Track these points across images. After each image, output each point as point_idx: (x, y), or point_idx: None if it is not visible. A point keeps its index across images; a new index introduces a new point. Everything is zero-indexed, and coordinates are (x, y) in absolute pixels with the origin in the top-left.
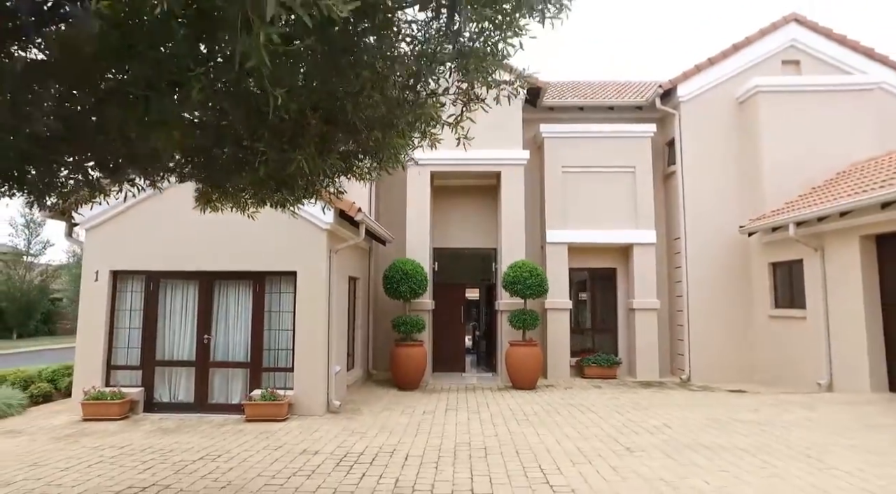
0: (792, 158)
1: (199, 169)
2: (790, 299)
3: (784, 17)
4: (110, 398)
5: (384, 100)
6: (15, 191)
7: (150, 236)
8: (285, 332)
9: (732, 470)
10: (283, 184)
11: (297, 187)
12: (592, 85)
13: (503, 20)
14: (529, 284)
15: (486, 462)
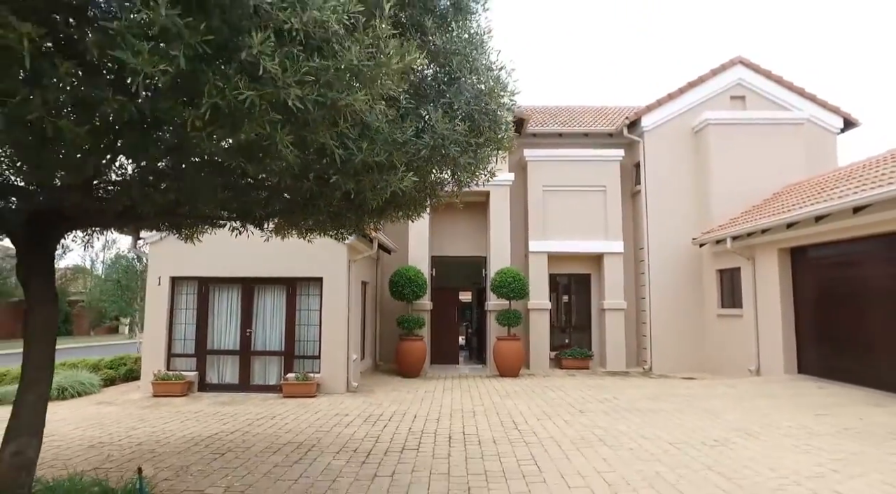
0: (737, 180)
1: (283, 214)
2: (732, 300)
3: (731, 59)
4: (174, 379)
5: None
6: (166, 230)
7: (202, 249)
8: (313, 327)
9: (650, 421)
10: (340, 225)
11: (350, 226)
12: (571, 110)
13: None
14: (513, 288)
15: (473, 419)
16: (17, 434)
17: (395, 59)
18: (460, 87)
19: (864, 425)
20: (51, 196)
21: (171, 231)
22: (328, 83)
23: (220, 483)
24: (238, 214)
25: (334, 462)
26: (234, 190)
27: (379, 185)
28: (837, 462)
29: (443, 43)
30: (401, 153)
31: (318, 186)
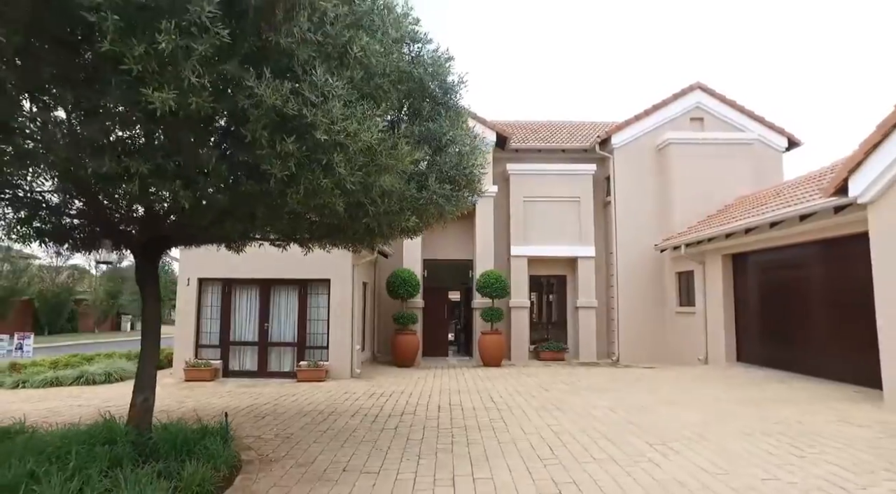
0: (694, 193)
1: (320, 237)
2: (688, 299)
3: (691, 85)
4: (203, 366)
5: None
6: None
7: (226, 254)
8: (322, 321)
9: (600, 396)
10: (358, 241)
11: (366, 244)
12: (550, 126)
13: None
14: (496, 288)
15: (458, 396)
16: (142, 388)
17: (407, 157)
18: (445, 156)
19: (759, 395)
20: (163, 227)
21: (225, 245)
22: (368, 173)
23: (269, 433)
24: (287, 236)
25: (350, 421)
26: (294, 223)
27: (393, 223)
28: (719, 418)
29: (434, 127)
30: (407, 204)
31: (350, 221)
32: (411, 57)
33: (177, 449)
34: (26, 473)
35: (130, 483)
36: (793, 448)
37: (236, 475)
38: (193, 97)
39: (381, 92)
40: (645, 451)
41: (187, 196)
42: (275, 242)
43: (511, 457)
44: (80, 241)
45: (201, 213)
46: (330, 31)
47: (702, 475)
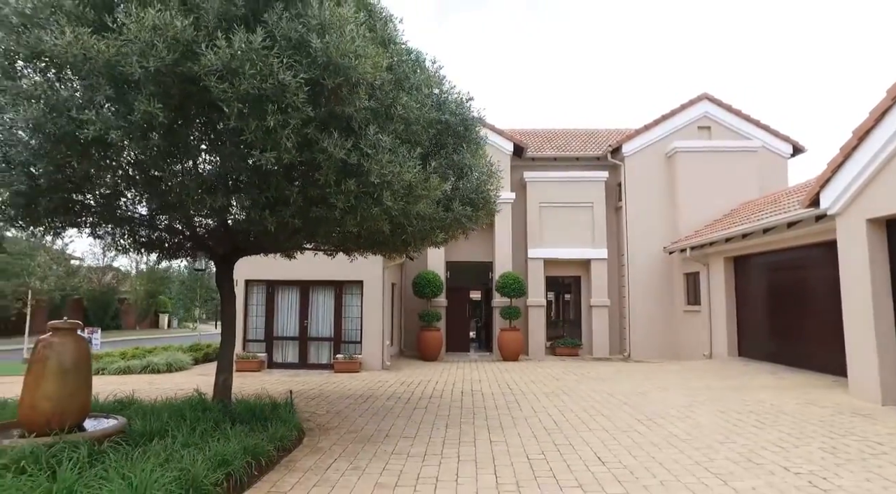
0: (701, 198)
1: (364, 247)
2: (694, 298)
3: (699, 95)
4: (250, 358)
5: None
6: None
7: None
8: (356, 319)
9: (604, 384)
10: (395, 251)
11: (401, 253)
12: (565, 134)
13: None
14: (514, 288)
15: (479, 384)
16: (222, 370)
17: (437, 189)
18: (467, 182)
19: (747, 383)
20: (242, 241)
21: (282, 253)
22: (407, 202)
23: (320, 410)
24: (337, 247)
25: (387, 403)
26: (346, 238)
27: (425, 238)
28: (704, 401)
29: (458, 158)
30: (436, 223)
31: (392, 237)
32: (439, 101)
33: (255, 417)
34: (162, 424)
35: (235, 433)
36: (756, 422)
37: (303, 437)
38: (286, 154)
39: (416, 137)
40: (633, 424)
41: (273, 220)
42: (326, 251)
43: (521, 427)
44: (168, 251)
45: (279, 232)
46: (379, 95)
47: (673, 439)
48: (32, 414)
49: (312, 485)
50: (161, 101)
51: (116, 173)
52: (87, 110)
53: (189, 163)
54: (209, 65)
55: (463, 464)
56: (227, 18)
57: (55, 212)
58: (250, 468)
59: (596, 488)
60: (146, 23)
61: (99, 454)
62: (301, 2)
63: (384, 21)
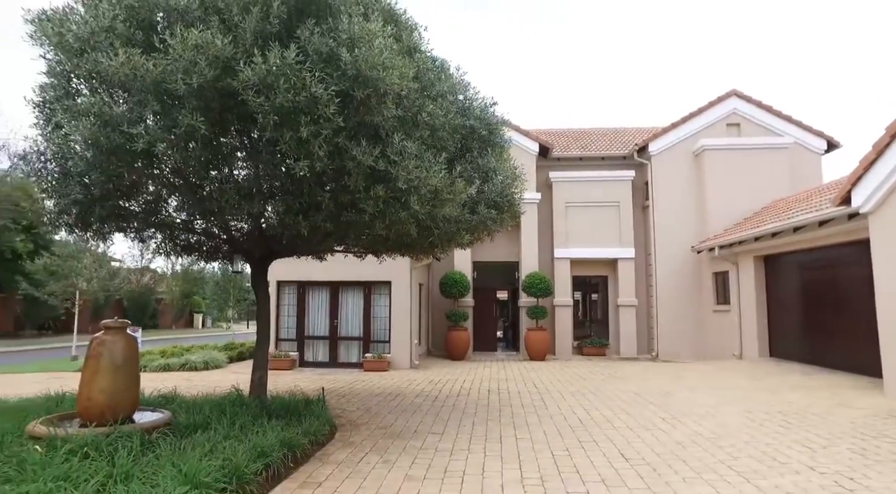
0: (730, 196)
1: (391, 249)
2: (724, 298)
3: (727, 92)
4: (283, 357)
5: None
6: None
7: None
8: (384, 318)
9: (631, 383)
10: (422, 253)
11: (427, 254)
12: (591, 133)
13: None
14: (540, 288)
15: (506, 383)
16: (258, 368)
17: (462, 193)
18: (491, 185)
19: (777, 384)
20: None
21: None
22: (433, 206)
23: (351, 406)
24: (367, 249)
25: (415, 400)
26: (376, 241)
27: (451, 240)
28: (731, 400)
29: (483, 162)
30: (462, 226)
31: (419, 240)
32: (463, 107)
33: (290, 412)
34: (204, 418)
35: (272, 427)
36: (783, 423)
37: (335, 432)
38: (318, 163)
39: (441, 142)
40: (657, 423)
41: (306, 225)
42: (356, 253)
43: (546, 425)
44: (206, 254)
45: (312, 236)
46: (406, 104)
47: (697, 437)
48: (89, 406)
49: (345, 477)
50: (202, 115)
51: (160, 182)
52: (136, 125)
53: (227, 172)
54: (247, 80)
55: (489, 459)
56: (262, 35)
57: (106, 219)
58: (286, 460)
59: (618, 482)
60: (189, 42)
61: (149, 444)
62: (332, 17)
63: (410, 30)
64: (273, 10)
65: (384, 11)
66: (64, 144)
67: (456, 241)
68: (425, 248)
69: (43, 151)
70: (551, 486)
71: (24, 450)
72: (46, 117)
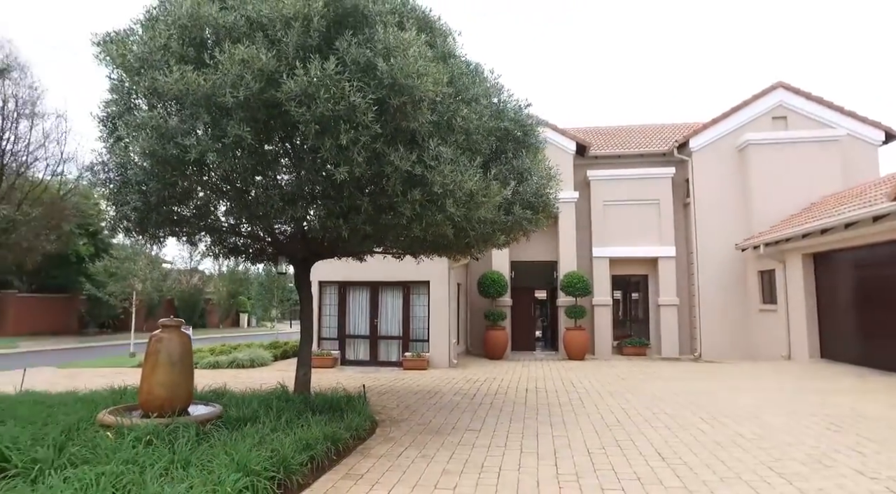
0: (777, 192)
1: (429, 250)
2: (770, 297)
3: (772, 84)
4: (325, 355)
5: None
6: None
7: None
8: (423, 318)
9: (672, 384)
10: (459, 253)
11: (464, 254)
12: (629, 130)
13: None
14: (578, 287)
15: (543, 382)
16: (302, 365)
17: (497, 195)
18: (527, 185)
19: (827, 386)
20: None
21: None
22: (469, 208)
23: (391, 403)
24: (405, 250)
25: (453, 398)
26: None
27: (487, 241)
28: (775, 402)
29: (517, 163)
30: (498, 226)
31: (455, 241)
32: (498, 109)
33: (332, 408)
34: (253, 412)
35: (315, 422)
36: (831, 426)
37: (375, 428)
38: (357, 168)
39: (476, 146)
40: (697, 423)
41: (346, 228)
42: (394, 254)
43: (584, 424)
44: (252, 256)
45: (352, 238)
46: (440, 109)
47: (738, 438)
48: (150, 399)
49: (385, 470)
50: (249, 125)
51: (210, 188)
52: (189, 136)
53: (271, 177)
54: (289, 91)
55: (525, 456)
56: (303, 48)
57: (161, 224)
58: (330, 452)
59: (654, 480)
60: (237, 57)
61: (204, 434)
62: (368, 27)
63: (444, 36)
64: (313, 23)
65: (418, 19)
66: (124, 155)
67: (492, 242)
68: (462, 249)
69: (106, 162)
70: (586, 483)
71: (97, 436)
72: (109, 131)
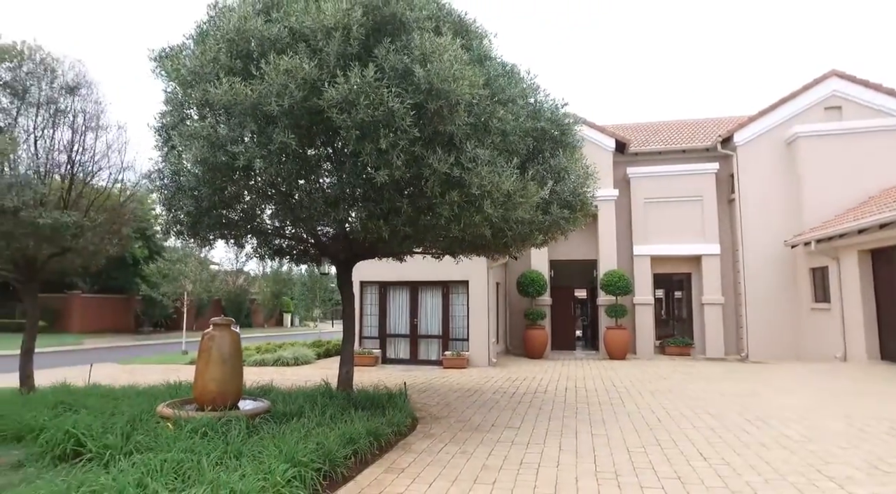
0: (829, 186)
1: (468, 250)
2: (823, 295)
3: (825, 73)
4: (366, 353)
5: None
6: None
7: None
8: (462, 317)
9: (715, 384)
10: (497, 252)
11: (503, 254)
12: (670, 126)
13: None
14: (619, 286)
15: (583, 381)
16: (345, 363)
17: (534, 195)
18: (564, 185)
19: (886, 389)
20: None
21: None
22: (507, 209)
23: (431, 401)
24: (444, 250)
25: (493, 396)
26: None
27: (525, 241)
28: (827, 404)
29: (555, 162)
30: (535, 226)
31: (493, 241)
32: (534, 110)
33: (374, 404)
34: (298, 407)
35: (358, 417)
36: (889, 430)
37: (416, 424)
38: (397, 171)
39: (513, 146)
40: (742, 424)
41: (386, 229)
42: (434, 254)
43: (623, 422)
44: (296, 257)
45: (392, 239)
46: (477, 111)
47: (785, 440)
48: (203, 393)
49: (426, 464)
50: (293, 132)
51: (256, 192)
52: (237, 144)
53: (314, 181)
54: (331, 99)
55: (564, 453)
56: (344, 57)
57: (212, 227)
58: (372, 447)
59: (695, 480)
60: (281, 68)
61: (253, 428)
62: (405, 34)
63: (479, 38)
64: (353, 32)
65: (454, 23)
66: (178, 163)
67: (530, 242)
68: (500, 249)
69: (161, 169)
70: (625, 481)
71: (158, 427)
72: (164, 140)
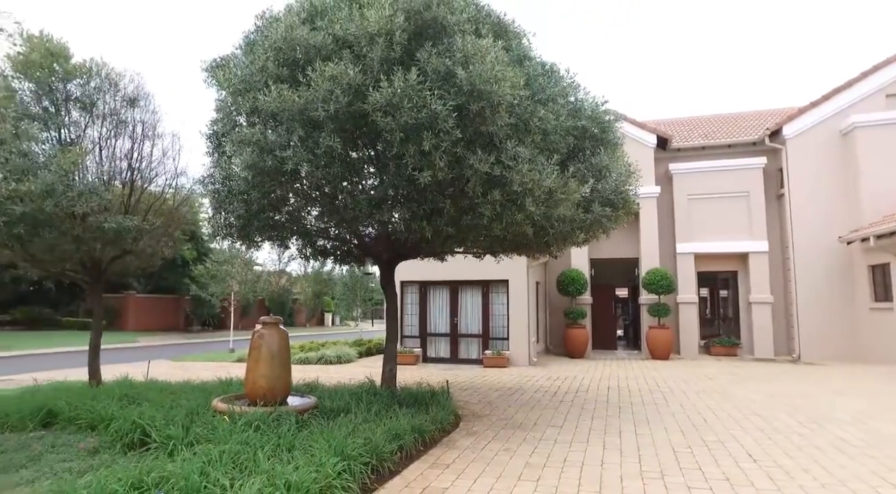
0: (889, 179)
1: (509, 249)
2: (884, 294)
3: (886, 59)
4: (407, 352)
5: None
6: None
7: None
8: (502, 316)
9: (763, 386)
10: (538, 252)
11: (543, 253)
12: (713, 120)
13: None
14: (661, 285)
15: (626, 381)
16: (388, 361)
17: (575, 193)
18: (605, 183)
19: None
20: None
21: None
22: (548, 206)
23: (473, 399)
24: (484, 249)
25: (534, 395)
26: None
27: (566, 239)
28: (886, 407)
29: (596, 160)
30: (577, 225)
31: (535, 239)
32: (574, 108)
33: (417, 402)
34: (345, 403)
35: (403, 414)
36: None
37: (458, 422)
38: (439, 172)
39: (553, 145)
40: (793, 426)
41: (429, 229)
42: (475, 254)
43: (668, 422)
44: (340, 257)
45: (434, 239)
46: (517, 111)
47: (841, 444)
48: (254, 389)
49: (470, 461)
50: (338, 136)
51: (301, 195)
52: (285, 149)
53: (358, 183)
54: (375, 103)
55: (608, 452)
56: (387, 61)
57: (261, 230)
58: (417, 443)
59: (744, 482)
60: (327, 74)
61: (303, 422)
62: (447, 38)
63: (518, 39)
64: (395, 38)
65: (494, 24)
66: (228, 168)
67: (571, 240)
68: (541, 247)
69: (213, 174)
70: (672, 481)
71: (215, 420)
72: (215, 146)
